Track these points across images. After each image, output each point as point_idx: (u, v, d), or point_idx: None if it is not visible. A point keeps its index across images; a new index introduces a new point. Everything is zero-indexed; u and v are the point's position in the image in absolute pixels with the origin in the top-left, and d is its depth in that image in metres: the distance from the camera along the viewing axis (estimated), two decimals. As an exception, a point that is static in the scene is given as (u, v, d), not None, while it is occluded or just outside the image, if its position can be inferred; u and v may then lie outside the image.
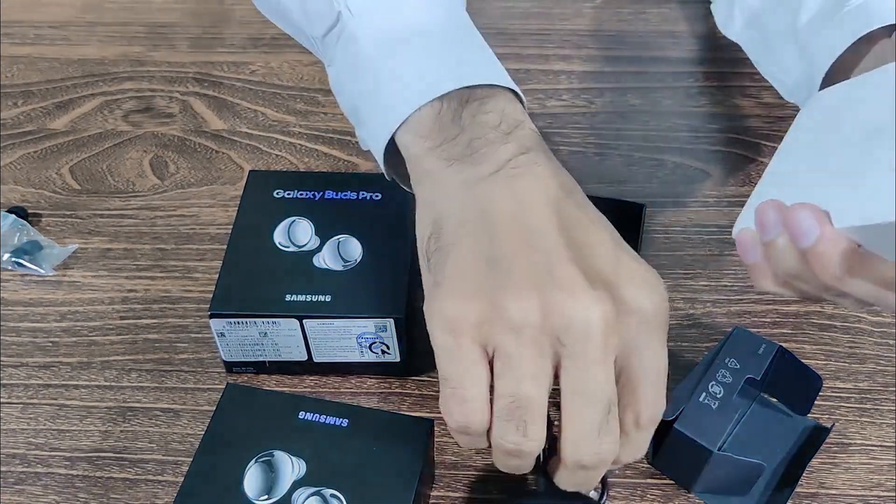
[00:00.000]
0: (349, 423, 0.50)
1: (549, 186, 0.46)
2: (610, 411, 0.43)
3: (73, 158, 0.72)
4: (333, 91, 0.55)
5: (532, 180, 0.46)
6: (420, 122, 0.48)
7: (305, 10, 0.54)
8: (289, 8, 0.55)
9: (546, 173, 0.46)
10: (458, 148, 0.47)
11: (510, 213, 0.45)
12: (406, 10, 0.52)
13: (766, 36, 0.65)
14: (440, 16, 0.52)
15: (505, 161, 0.46)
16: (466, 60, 0.51)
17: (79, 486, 0.54)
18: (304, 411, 0.50)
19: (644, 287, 0.44)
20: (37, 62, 0.79)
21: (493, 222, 0.45)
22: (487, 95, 0.49)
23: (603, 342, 0.42)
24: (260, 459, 0.48)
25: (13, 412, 0.57)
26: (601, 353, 0.42)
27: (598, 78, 0.77)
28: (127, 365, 0.59)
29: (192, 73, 0.78)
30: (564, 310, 0.42)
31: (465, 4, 0.56)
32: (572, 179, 0.48)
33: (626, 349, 0.43)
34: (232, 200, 0.68)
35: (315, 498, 0.47)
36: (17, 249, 0.64)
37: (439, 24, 0.52)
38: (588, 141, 0.72)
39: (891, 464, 0.54)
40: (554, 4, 0.83)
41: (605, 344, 0.42)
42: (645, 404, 0.44)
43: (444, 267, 0.44)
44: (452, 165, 0.47)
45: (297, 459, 0.48)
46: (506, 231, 0.44)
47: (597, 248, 0.44)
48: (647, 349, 0.44)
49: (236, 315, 0.55)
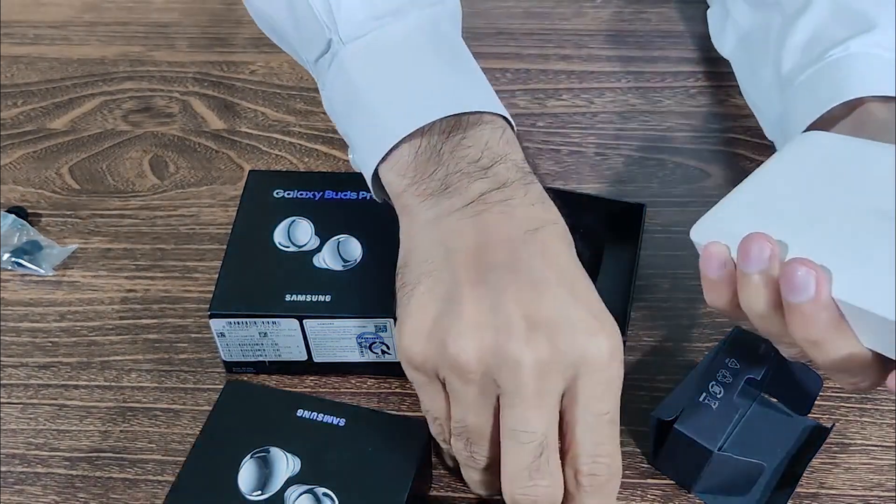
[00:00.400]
0: (346, 423, 0.49)
1: (517, 223, 0.46)
2: (542, 454, 0.43)
3: (72, 158, 0.72)
4: (327, 112, 0.56)
5: (499, 216, 0.46)
6: (399, 159, 0.49)
7: (300, 34, 0.55)
8: (285, 29, 0.56)
9: (517, 209, 0.46)
10: (434, 183, 0.48)
11: (471, 250, 0.45)
12: (396, 36, 0.52)
13: (752, 59, 0.65)
14: (432, 41, 0.52)
15: (476, 196, 0.47)
16: (452, 89, 0.50)
17: (79, 486, 0.54)
18: (302, 409, 0.50)
19: (589, 335, 0.43)
20: (37, 62, 0.79)
21: (453, 259, 0.45)
22: (473, 124, 0.49)
23: (536, 385, 0.42)
24: (255, 455, 0.48)
25: (13, 412, 0.57)
26: (534, 396, 0.42)
27: (598, 78, 0.77)
28: (127, 365, 0.59)
29: (191, 73, 0.78)
30: (497, 351, 0.43)
31: (459, 27, 0.56)
32: (552, 214, 0.47)
33: (568, 395, 0.44)
34: (232, 200, 0.68)
35: (307, 496, 0.47)
36: (16, 249, 0.64)
37: (429, 50, 0.52)
38: (588, 141, 0.72)
39: (891, 464, 0.54)
40: (554, 4, 0.83)
41: (538, 387, 0.42)
42: (583, 452, 0.44)
43: (407, 306, 0.46)
44: (426, 201, 0.48)
45: (292, 456, 0.48)
46: (463, 268, 0.45)
47: (547, 291, 0.44)
48: (589, 398, 0.43)
49: (236, 315, 0.55)
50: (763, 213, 0.45)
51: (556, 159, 0.71)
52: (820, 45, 0.57)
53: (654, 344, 0.60)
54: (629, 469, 0.54)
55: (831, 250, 0.41)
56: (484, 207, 0.46)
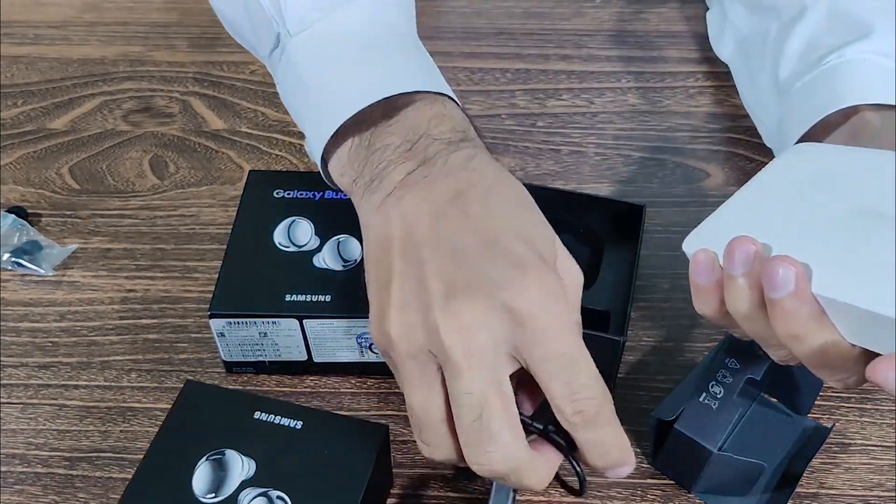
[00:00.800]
0: (303, 425, 0.49)
1: (436, 196, 0.46)
2: (482, 416, 0.42)
3: (72, 158, 0.72)
4: (284, 105, 0.57)
5: (417, 196, 0.46)
6: (340, 156, 0.50)
7: (254, 31, 0.56)
8: (243, 28, 0.57)
9: (437, 182, 0.46)
10: (364, 179, 0.49)
11: (397, 237, 0.46)
12: (338, 25, 0.53)
13: (751, 65, 0.66)
14: (371, 28, 0.53)
15: (398, 181, 0.47)
16: (384, 74, 0.51)
17: (79, 486, 0.54)
18: (260, 411, 0.50)
19: (511, 287, 0.43)
20: (37, 62, 0.79)
21: (386, 248, 0.46)
22: (403, 106, 0.49)
23: (463, 349, 0.42)
24: (211, 457, 0.48)
25: (13, 412, 0.57)
26: (464, 359, 0.42)
27: (598, 78, 0.77)
28: (127, 365, 0.59)
29: (191, 73, 0.78)
30: (422, 324, 0.43)
31: (409, 12, 0.57)
32: (477, 173, 0.47)
33: (517, 350, 0.43)
34: (232, 200, 0.68)
35: (261, 499, 0.47)
36: (16, 249, 0.64)
37: (369, 37, 0.53)
38: (588, 141, 0.72)
39: (891, 464, 0.54)
40: (554, 4, 0.83)
41: (466, 350, 0.42)
42: (557, 396, 0.43)
43: (369, 300, 0.47)
44: (363, 198, 0.49)
45: (247, 459, 0.48)
46: (396, 255, 0.45)
47: (464, 256, 0.44)
48: (535, 346, 0.43)
49: (236, 315, 0.55)
50: (752, 221, 0.45)
51: (556, 159, 0.71)
52: (816, 51, 0.58)
53: (654, 344, 0.60)
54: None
55: (814, 249, 0.41)
56: (405, 192, 0.47)
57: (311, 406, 0.52)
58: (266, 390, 0.58)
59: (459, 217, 0.45)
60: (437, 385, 0.44)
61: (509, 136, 0.72)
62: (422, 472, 0.54)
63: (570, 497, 0.53)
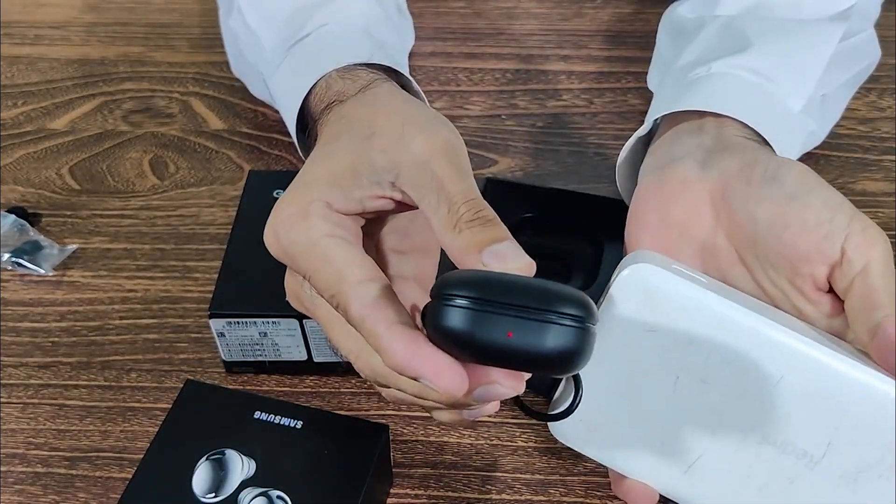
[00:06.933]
0: (303, 425, 0.49)
1: (346, 120, 0.47)
2: (338, 307, 0.40)
3: (72, 158, 0.72)
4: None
5: (334, 125, 0.48)
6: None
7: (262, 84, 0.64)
8: (258, 84, 0.66)
9: (346, 114, 0.48)
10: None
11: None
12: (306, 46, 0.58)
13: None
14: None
15: (322, 129, 0.49)
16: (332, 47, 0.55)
17: (79, 486, 0.54)
18: (260, 411, 0.50)
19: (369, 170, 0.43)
20: (37, 62, 0.79)
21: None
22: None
23: (304, 238, 0.44)
24: (211, 457, 0.48)
25: (13, 412, 0.57)
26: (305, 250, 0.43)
27: (598, 78, 0.77)
28: (127, 365, 0.59)
29: (191, 73, 0.78)
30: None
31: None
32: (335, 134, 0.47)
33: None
34: (232, 200, 0.68)
35: (261, 499, 0.47)
36: (17, 249, 0.64)
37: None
38: (588, 141, 0.72)
39: (891, 464, 0.54)
40: (554, 4, 0.83)
41: (307, 239, 0.43)
42: (453, 208, 0.40)
43: None
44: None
45: (247, 459, 0.48)
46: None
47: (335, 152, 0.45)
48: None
49: (236, 315, 0.55)
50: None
51: (556, 159, 0.71)
52: (698, 64, 0.56)
53: (655, 344, 0.60)
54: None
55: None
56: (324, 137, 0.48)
57: (311, 406, 0.52)
58: (266, 390, 0.58)
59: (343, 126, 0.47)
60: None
61: (509, 136, 0.72)
62: (422, 472, 0.54)
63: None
